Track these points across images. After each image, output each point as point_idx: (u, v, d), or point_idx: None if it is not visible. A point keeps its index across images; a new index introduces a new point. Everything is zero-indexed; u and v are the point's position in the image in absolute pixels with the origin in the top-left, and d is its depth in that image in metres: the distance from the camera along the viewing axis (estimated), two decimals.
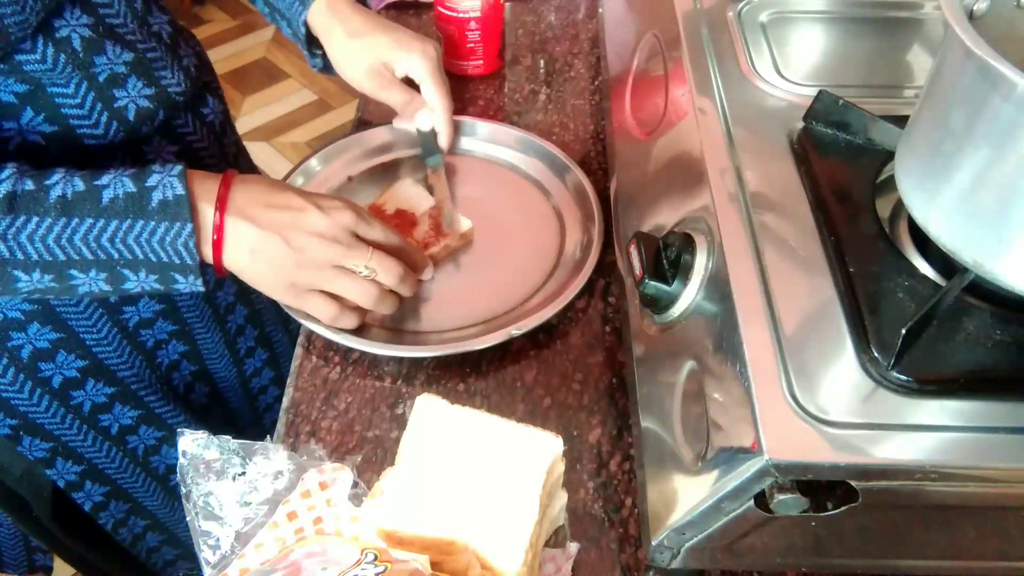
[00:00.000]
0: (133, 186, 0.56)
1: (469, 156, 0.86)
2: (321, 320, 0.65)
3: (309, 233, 0.61)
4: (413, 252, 0.70)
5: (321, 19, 0.78)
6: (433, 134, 0.82)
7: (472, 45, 0.94)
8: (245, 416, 0.96)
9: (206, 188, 0.59)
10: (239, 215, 0.59)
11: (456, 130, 0.85)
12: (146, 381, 0.80)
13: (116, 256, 0.56)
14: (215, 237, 0.59)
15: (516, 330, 0.66)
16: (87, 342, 0.74)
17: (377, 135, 0.86)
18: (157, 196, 0.56)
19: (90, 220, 0.55)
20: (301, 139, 2.50)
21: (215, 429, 0.55)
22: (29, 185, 0.55)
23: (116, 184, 0.56)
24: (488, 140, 0.86)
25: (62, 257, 0.56)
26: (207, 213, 0.58)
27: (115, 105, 0.65)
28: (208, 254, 0.59)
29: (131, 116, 0.66)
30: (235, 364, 0.90)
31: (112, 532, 0.89)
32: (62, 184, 0.56)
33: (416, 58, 0.78)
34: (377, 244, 0.65)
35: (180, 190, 0.56)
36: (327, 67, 0.83)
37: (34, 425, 0.75)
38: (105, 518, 0.87)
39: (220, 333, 0.85)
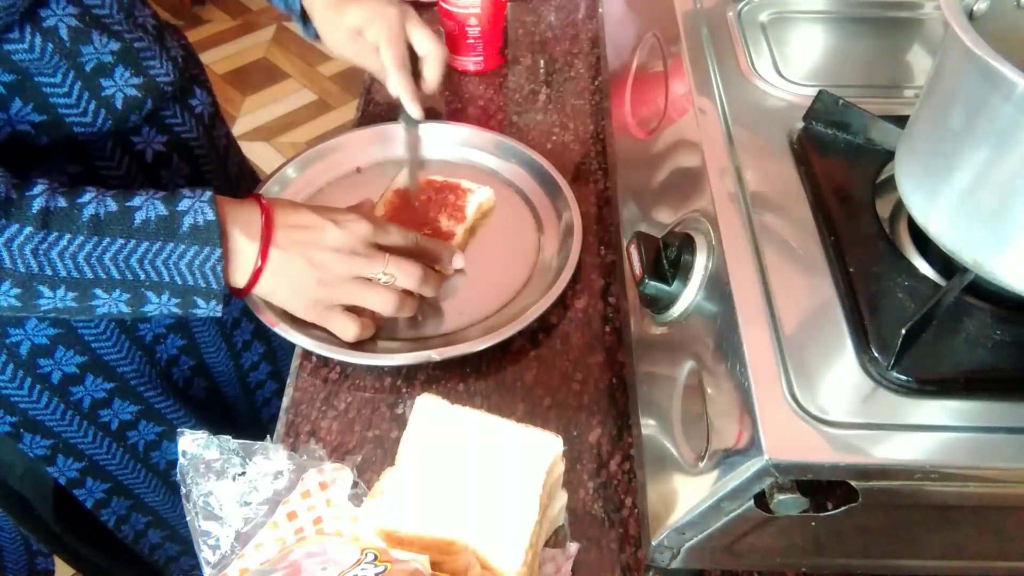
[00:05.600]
0: (165, 209, 0.57)
1: (450, 162, 0.85)
2: (343, 338, 0.66)
3: (328, 249, 0.62)
4: (435, 246, 0.70)
5: None
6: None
7: (472, 41, 0.94)
8: (243, 411, 0.96)
9: (238, 215, 0.60)
10: (279, 245, 0.61)
11: (435, 134, 0.85)
12: (145, 376, 0.80)
13: (143, 277, 0.57)
14: (259, 264, 0.60)
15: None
16: (85, 337, 0.74)
17: (356, 139, 0.86)
18: (188, 221, 0.57)
19: (121, 240, 0.56)
20: (301, 139, 2.50)
21: (213, 424, 0.56)
22: (62, 202, 0.55)
23: (148, 207, 0.57)
24: (467, 144, 0.86)
25: (89, 275, 0.56)
26: (238, 240, 0.60)
27: (102, 94, 0.65)
28: (240, 280, 0.61)
29: (119, 105, 0.66)
30: (232, 358, 0.90)
31: (114, 529, 0.89)
32: (95, 204, 0.56)
33: (375, 23, 0.77)
34: (397, 249, 0.66)
35: (211, 216, 0.58)
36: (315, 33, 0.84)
37: (34, 422, 0.75)
38: (107, 515, 0.87)
39: (217, 326, 0.86)
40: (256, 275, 0.61)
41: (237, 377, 0.92)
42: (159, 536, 0.95)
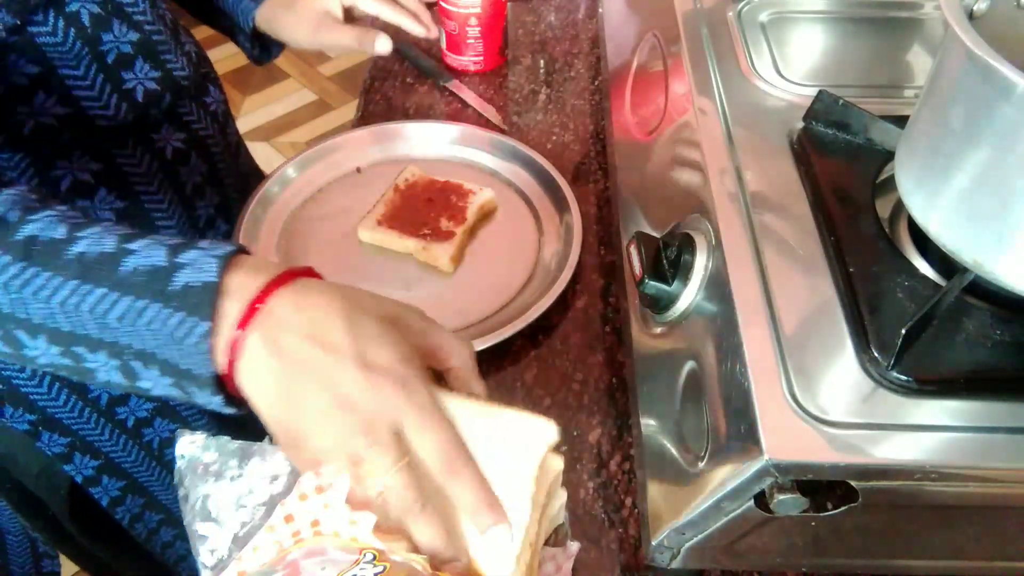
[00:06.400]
0: (164, 259, 0.44)
1: (450, 162, 0.85)
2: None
3: (332, 400, 0.43)
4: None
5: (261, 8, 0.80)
6: (410, 47, 0.85)
7: (472, 41, 0.94)
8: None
9: (245, 283, 0.44)
10: (265, 335, 0.43)
11: (435, 134, 0.86)
12: None
13: (125, 342, 0.45)
14: (229, 354, 0.44)
15: None
16: None
17: (356, 139, 0.86)
18: (183, 277, 0.43)
19: (103, 290, 0.44)
20: (301, 139, 2.50)
21: (225, 422, 0.52)
22: (60, 232, 0.45)
23: (147, 252, 0.45)
24: (467, 144, 0.86)
25: (67, 327, 0.45)
26: (231, 313, 0.43)
27: (124, 87, 0.66)
28: (223, 364, 0.44)
29: (140, 98, 0.67)
30: None
31: (128, 527, 0.90)
32: (92, 239, 0.45)
33: None
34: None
35: (212, 276, 0.43)
36: (262, 55, 0.87)
37: (53, 420, 0.76)
38: (122, 513, 0.88)
39: None
40: (230, 363, 0.44)
41: None
42: (170, 534, 0.95)
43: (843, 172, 0.57)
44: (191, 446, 0.53)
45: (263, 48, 0.86)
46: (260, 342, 0.43)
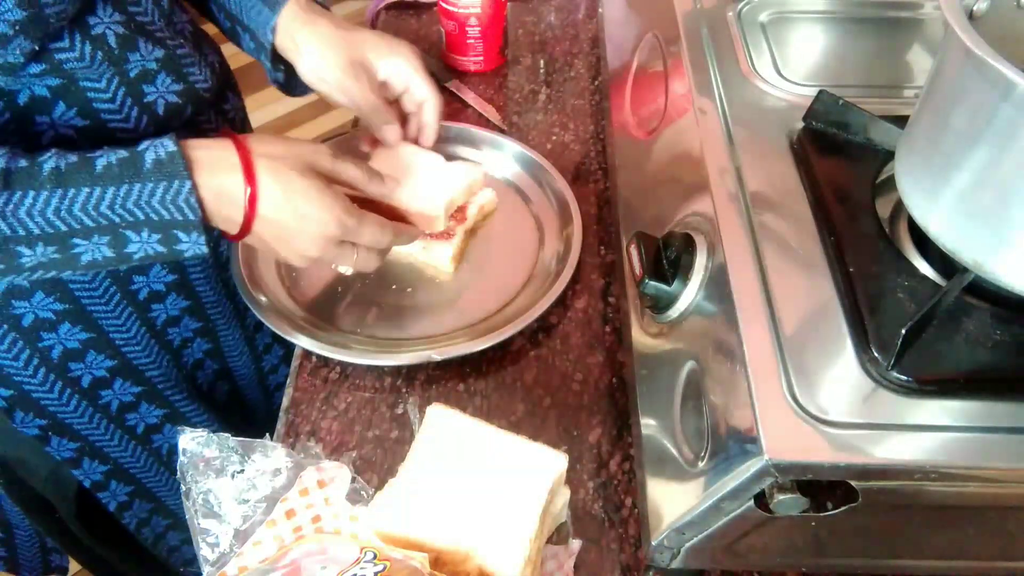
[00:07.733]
0: (126, 152, 0.56)
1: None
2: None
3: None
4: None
5: (291, 22, 0.70)
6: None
7: (472, 41, 0.94)
8: (262, 414, 0.97)
9: (207, 144, 0.58)
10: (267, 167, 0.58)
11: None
12: (172, 380, 0.81)
13: (118, 220, 0.56)
14: (249, 190, 0.57)
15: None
16: (116, 342, 0.74)
17: (357, 139, 0.85)
18: (150, 156, 0.55)
19: (87, 189, 0.54)
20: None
21: (234, 427, 0.55)
22: (23, 162, 0.54)
23: (109, 153, 0.56)
24: (467, 144, 0.85)
25: (63, 228, 0.55)
26: (215, 169, 0.57)
27: (145, 100, 0.65)
28: (235, 214, 0.58)
29: (160, 111, 0.66)
30: (254, 361, 0.91)
31: (135, 532, 0.90)
32: (55, 158, 0.55)
33: (402, 57, 0.72)
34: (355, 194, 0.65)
35: (172, 146, 0.56)
36: (288, 84, 0.75)
37: (63, 425, 0.76)
38: (129, 518, 0.88)
39: (240, 330, 0.86)
40: (251, 203, 0.58)
41: (258, 380, 0.93)
42: (177, 539, 0.96)
43: (843, 172, 0.57)
44: (193, 443, 0.54)
45: (289, 72, 0.74)
46: (267, 172, 0.58)
